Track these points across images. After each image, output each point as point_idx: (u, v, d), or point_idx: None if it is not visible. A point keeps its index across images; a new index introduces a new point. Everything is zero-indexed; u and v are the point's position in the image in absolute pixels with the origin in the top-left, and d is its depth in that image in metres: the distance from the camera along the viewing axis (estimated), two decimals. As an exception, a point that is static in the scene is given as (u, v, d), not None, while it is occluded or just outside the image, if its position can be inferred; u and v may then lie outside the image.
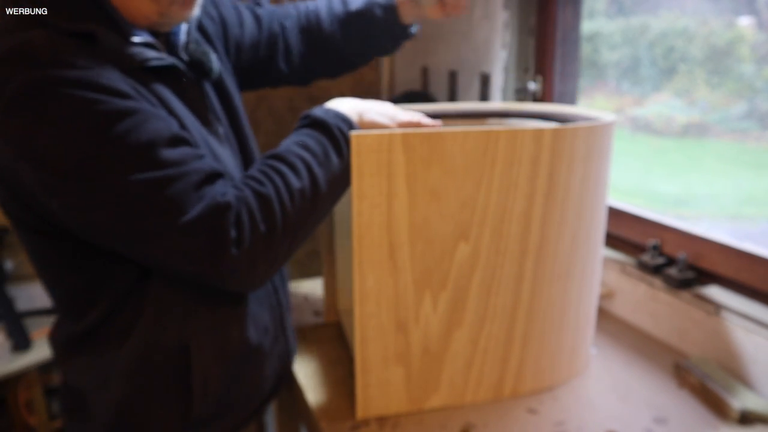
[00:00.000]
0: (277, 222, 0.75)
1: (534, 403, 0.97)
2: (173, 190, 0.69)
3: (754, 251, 1.04)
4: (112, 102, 0.68)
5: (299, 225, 0.78)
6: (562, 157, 0.89)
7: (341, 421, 0.93)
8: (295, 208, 0.77)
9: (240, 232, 0.72)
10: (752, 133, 1.21)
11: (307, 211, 0.78)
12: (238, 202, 0.73)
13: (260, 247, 0.74)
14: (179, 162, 0.71)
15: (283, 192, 0.76)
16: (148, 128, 0.69)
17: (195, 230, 0.70)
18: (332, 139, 0.82)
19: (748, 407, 0.92)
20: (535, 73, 1.59)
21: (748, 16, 1.19)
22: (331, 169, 0.81)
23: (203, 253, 0.71)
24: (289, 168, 0.78)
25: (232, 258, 0.72)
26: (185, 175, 0.71)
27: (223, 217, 0.71)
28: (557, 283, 0.96)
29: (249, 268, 0.74)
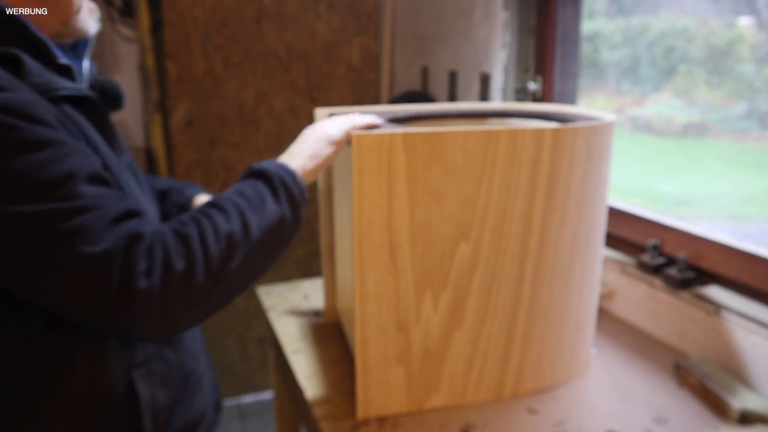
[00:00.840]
0: (196, 261, 0.70)
1: (534, 403, 0.97)
2: (84, 220, 0.66)
3: (754, 251, 1.04)
4: (33, 129, 0.66)
5: (225, 269, 0.73)
6: (562, 157, 0.89)
7: (341, 421, 0.93)
8: (220, 250, 0.72)
9: (150, 264, 0.67)
10: (752, 133, 1.21)
11: (235, 255, 0.74)
12: (153, 237, 0.69)
13: (174, 285, 0.68)
14: (96, 196, 0.68)
15: (208, 233, 0.72)
16: (68, 162, 0.67)
17: (101, 261, 0.65)
18: (271, 187, 0.80)
19: (748, 407, 0.92)
20: (535, 73, 1.59)
21: (748, 16, 1.19)
22: (266, 216, 0.78)
23: (108, 287, 0.65)
24: (219, 211, 0.75)
25: (139, 292, 0.66)
26: (100, 208, 0.67)
27: (133, 247, 0.67)
28: (558, 283, 0.96)
29: (161, 306, 0.68)
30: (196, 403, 0.91)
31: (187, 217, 0.75)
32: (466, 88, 1.82)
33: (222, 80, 2.18)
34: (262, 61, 2.21)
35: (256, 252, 0.77)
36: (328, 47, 2.28)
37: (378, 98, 2.38)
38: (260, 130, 2.27)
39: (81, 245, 0.65)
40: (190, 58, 2.12)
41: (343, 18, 2.27)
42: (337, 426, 0.92)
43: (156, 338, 0.80)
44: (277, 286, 1.48)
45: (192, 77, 2.14)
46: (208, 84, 2.17)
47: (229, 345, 2.41)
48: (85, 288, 0.66)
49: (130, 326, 0.69)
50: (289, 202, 0.81)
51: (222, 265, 0.73)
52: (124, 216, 0.69)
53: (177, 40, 2.09)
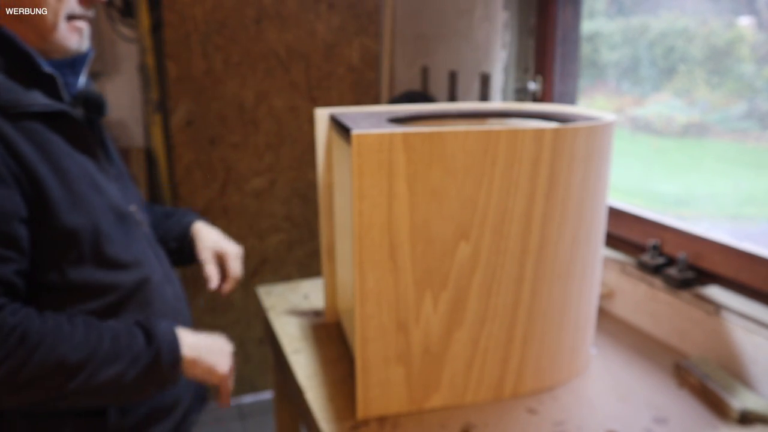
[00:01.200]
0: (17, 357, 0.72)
1: (534, 403, 0.97)
2: None
3: (754, 251, 1.04)
4: None
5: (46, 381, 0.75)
6: (562, 157, 0.89)
7: (341, 421, 0.93)
8: (51, 367, 0.74)
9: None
10: (752, 133, 1.21)
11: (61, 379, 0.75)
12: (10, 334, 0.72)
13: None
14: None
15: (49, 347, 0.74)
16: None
17: None
18: (143, 351, 0.81)
19: (748, 407, 0.92)
20: (535, 73, 1.59)
21: (748, 16, 1.19)
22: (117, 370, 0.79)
23: None
24: (83, 337, 0.77)
25: None
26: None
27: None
28: (557, 283, 0.96)
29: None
30: (166, 392, 0.91)
31: (52, 318, 0.77)
32: (466, 88, 1.82)
33: (222, 80, 2.18)
34: (262, 61, 2.21)
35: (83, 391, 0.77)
36: (328, 47, 2.28)
37: (378, 98, 2.38)
38: (260, 130, 2.26)
39: None
40: (190, 58, 2.12)
41: (343, 18, 2.27)
42: (337, 426, 0.92)
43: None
44: (277, 286, 1.48)
45: (192, 77, 2.14)
46: (208, 84, 2.17)
47: (229, 345, 2.41)
48: None
49: None
50: (150, 376, 0.82)
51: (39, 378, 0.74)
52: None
53: (177, 40, 2.09)
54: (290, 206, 2.36)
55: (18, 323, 0.73)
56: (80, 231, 0.81)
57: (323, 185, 1.19)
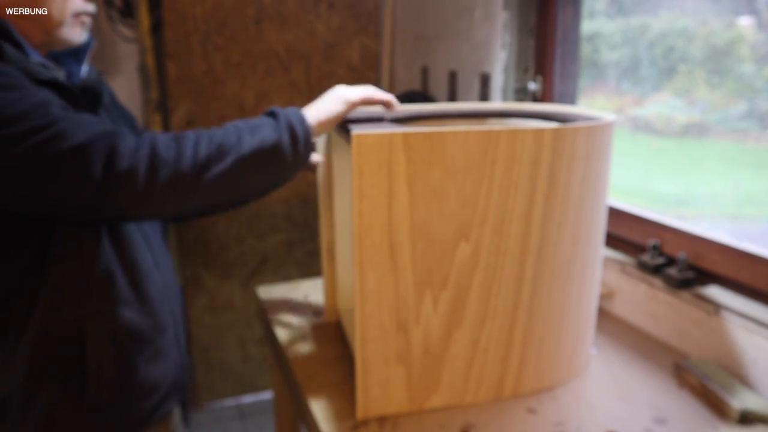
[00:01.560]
0: (184, 153, 0.77)
1: (534, 403, 0.97)
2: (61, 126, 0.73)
3: (754, 251, 1.04)
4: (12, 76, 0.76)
5: (212, 167, 0.78)
6: (562, 157, 0.89)
7: (341, 421, 0.93)
8: (210, 150, 0.78)
9: (137, 148, 0.75)
10: (752, 133, 1.21)
11: (223, 159, 0.79)
12: (139, 136, 0.77)
13: (160, 168, 0.75)
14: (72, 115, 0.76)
15: (202, 135, 0.80)
16: (41, 95, 0.75)
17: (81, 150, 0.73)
18: (274, 119, 0.86)
19: (748, 407, 0.92)
20: (535, 73, 1.59)
21: (748, 16, 1.19)
22: (261, 137, 0.83)
23: (92, 170, 0.73)
24: (216, 127, 0.83)
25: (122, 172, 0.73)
26: (79, 121, 0.75)
27: (117, 137, 0.74)
28: (557, 283, 0.96)
29: (145, 187, 0.75)
30: (150, 371, 0.94)
31: (189, 131, 0.82)
32: (466, 88, 1.82)
33: (222, 80, 2.18)
34: (262, 61, 2.21)
35: (246, 166, 0.81)
36: (328, 47, 2.28)
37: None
38: (260, 130, 2.27)
39: (60, 144, 0.71)
40: (190, 58, 2.12)
41: (343, 18, 2.27)
42: (337, 426, 0.92)
43: (143, 218, 0.85)
44: (277, 286, 1.48)
45: (192, 77, 2.14)
46: (208, 84, 2.17)
47: (229, 345, 2.41)
48: (71, 179, 0.73)
49: (117, 210, 0.77)
50: (289, 134, 0.85)
51: (208, 164, 0.78)
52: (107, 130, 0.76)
53: (177, 40, 2.09)
54: (290, 206, 2.36)
55: (163, 135, 0.79)
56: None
57: (323, 185, 1.19)
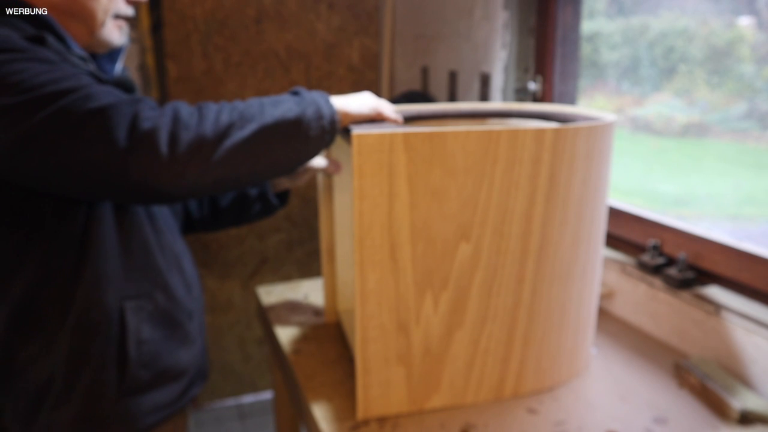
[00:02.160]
0: (206, 119, 0.76)
1: (534, 403, 0.97)
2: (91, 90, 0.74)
3: (754, 251, 1.04)
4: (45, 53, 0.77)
5: (233, 135, 0.78)
6: (563, 157, 0.89)
7: (341, 421, 0.93)
8: (231, 118, 0.78)
9: (160, 113, 0.75)
10: (752, 133, 1.21)
11: (245, 127, 0.79)
12: (163, 103, 0.81)
13: (182, 133, 0.74)
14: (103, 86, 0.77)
15: (224, 105, 0.80)
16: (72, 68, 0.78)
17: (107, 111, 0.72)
18: (297, 96, 0.87)
19: (748, 407, 0.92)
20: (535, 73, 1.59)
21: (748, 16, 1.19)
22: (283, 110, 0.82)
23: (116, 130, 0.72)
24: (238, 100, 0.83)
25: (146, 133, 0.72)
26: (109, 90, 0.76)
27: (141, 101, 0.75)
28: (558, 283, 0.96)
29: (168, 151, 0.74)
30: (181, 355, 0.97)
31: (210, 101, 0.82)
32: (466, 88, 1.82)
33: (222, 80, 2.18)
34: (262, 61, 2.21)
35: (267, 136, 0.80)
36: (328, 47, 2.28)
37: (378, 98, 2.37)
38: (260, 130, 2.26)
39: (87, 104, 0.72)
40: (190, 58, 2.12)
41: (343, 18, 2.27)
42: (337, 426, 0.92)
43: (163, 191, 0.78)
44: (277, 286, 1.48)
45: (192, 77, 2.14)
46: (208, 84, 2.17)
47: (229, 345, 2.41)
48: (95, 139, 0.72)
49: (139, 173, 0.73)
50: (314, 109, 0.84)
51: (230, 131, 0.77)
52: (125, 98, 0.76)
53: (177, 40, 2.09)
54: (290, 206, 2.36)
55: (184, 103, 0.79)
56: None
57: (323, 185, 1.19)
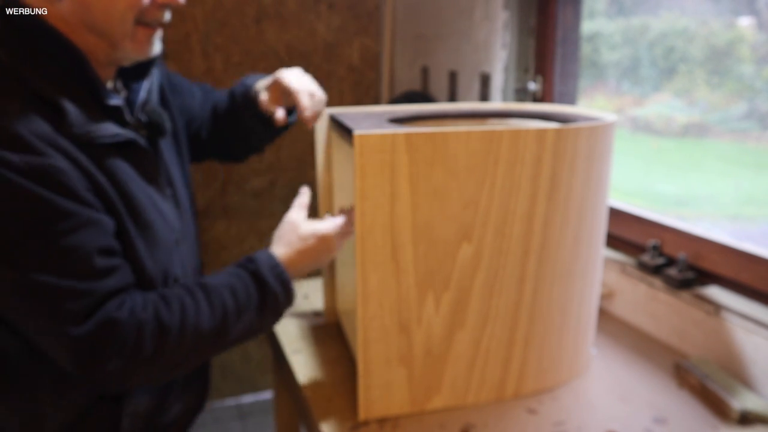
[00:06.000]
0: (166, 350, 0.79)
1: (534, 404, 0.98)
2: (75, 304, 0.73)
3: (754, 251, 1.04)
4: (55, 201, 0.72)
5: (192, 359, 0.83)
6: (564, 157, 0.89)
7: (341, 422, 0.93)
8: (194, 345, 0.81)
9: (122, 349, 0.76)
10: (752, 133, 1.21)
11: (205, 350, 0.84)
12: (130, 321, 0.76)
13: (139, 367, 0.78)
14: (94, 275, 0.75)
15: (188, 327, 0.80)
16: (79, 235, 0.74)
17: (79, 343, 0.74)
18: (261, 301, 0.87)
19: (748, 407, 0.92)
20: (535, 73, 1.59)
21: (748, 17, 1.19)
22: (245, 328, 0.86)
23: (81, 363, 0.76)
24: (208, 305, 0.82)
25: (106, 372, 0.76)
26: (91, 293, 0.75)
27: (108, 335, 0.75)
28: (559, 284, 0.96)
29: (121, 381, 0.79)
30: (174, 408, 0.97)
31: (176, 302, 0.81)
32: (466, 88, 1.82)
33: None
34: (262, 61, 2.21)
35: (224, 347, 0.87)
36: (328, 47, 2.28)
37: (378, 98, 2.37)
38: (260, 129, 2.26)
39: (65, 325, 0.73)
40: (190, 58, 2.12)
41: (343, 18, 2.27)
42: (337, 426, 0.92)
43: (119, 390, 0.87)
44: (277, 286, 1.47)
45: (192, 77, 2.14)
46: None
47: (228, 345, 2.41)
48: (62, 356, 0.76)
49: (96, 385, 0.82)
50: (273, 317, 0.89)
51: (190, 356, 0.82)
52: (109, 296, 0.76)
53: (177, 40, 2.09)
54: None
55: (151, 318, 0.78)
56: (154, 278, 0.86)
57: (323, 185, 1.19)
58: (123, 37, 0.80)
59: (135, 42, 0.82)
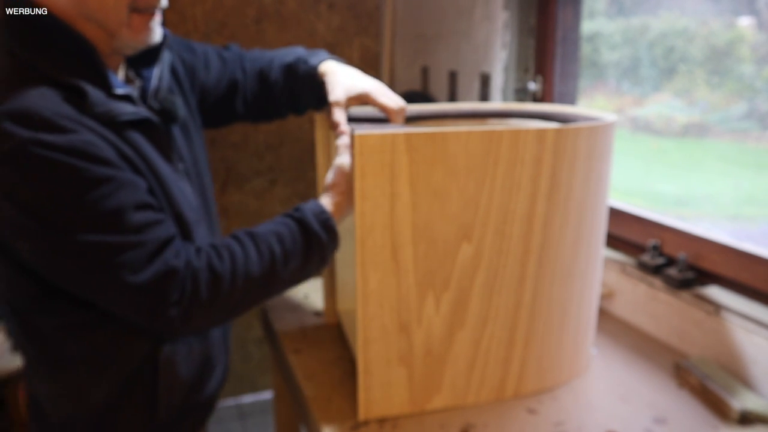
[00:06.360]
0: (221, 295, 0.82)
1: (534, 404, 0.98)
2: (129, 255, 0.77)
3: (754, 251, 1.04)
4: (92, 169, 0.75)
5: (245, 303, 0.86)
6: (564, 157, 0.89)
7: (341, 422, 0.93)
8: (246, 290, 0.84)
9: (180, 295, 0.80)
10: (752, 133, 1.21)
11: (257, 294, 0.87)
12: (187, 270, 0.80)
13: (198, 312, 0.82)
14: (140, 229, 0.78)
15: (239, 274, 0.83)
16: (119, 196, 0.77)
17: (141, 291, 0.78)
18: (308, 244, 0.88)
19: (748, 407, 0.92)
20: (535, 73, 1.59)
21: (748, 17, 1.19)
22: (294, 268, 0.88)
23: (145, 310, 0.80)
24: (256, 251, 0.85)
25: (169, 317, 0.80)
26: (143, 244, 0.78)
27: (168, 282, 0.79)
28: (559, 284, 0.96)
29: (183, 325, 0.82)
30: (207, 386, 1.00)
31: (225, 250, 0.84)
32: (466, 88, 1.82)
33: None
34: (261, 60, 2.21)
35: (276, 291, 0.90)
36: (328, 47, 2.28)
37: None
38: (260, 129, 2.26)
39: (125, 275, 0.77)
40: (189, 57, 2.12)
41: (343, 18, 2.27)
42: (337, 426, 0.92)
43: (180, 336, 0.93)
44: (277, 286, 1.47)
45: (192, 77, 2.14)
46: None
47: (228, 345, 2.41)
48: (126, 306, 0.80)
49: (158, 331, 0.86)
50: (319, 261, 0.90)
51: (244, 301, 0.86)
52: (162, 246, 0.80)
53: (177, 39, 2.09)
54: (290, 206, 2.36)
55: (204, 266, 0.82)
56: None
57: (323, 185, 1.19)
58: (119, 26, 0.81)
59: (132, 30, 0.82)
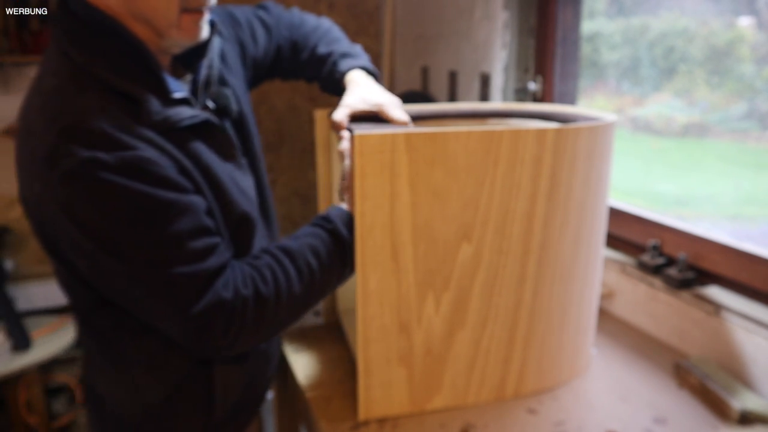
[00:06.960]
0: (266, 319, 0.83)
1: (534, 404, 0.98)
2: (182, 286, 0.77)
3: (754, 251, 1.04)
4: (151, 193, 0.74)
5: (289, 320, 0.87)
6: (564, 157, 0.89)
7: (341, 422, 0.93)
8: (289, 309, 0.85)
9: (229, 325, 0.80)
10: (752, 133, 1.21)
11: (299, 311, 0.87)
12: (236, 300, 0.80)
13: (243, 338, 0.82)
14: (195, 258, 0.77)
15: (283, 295, 0.83)
16: (178, 223, 0.76)
17: (190, 321, 0.78)
18: (342, 254, 0.88)
19: (748, 407, 0.92)
20: (535, 73, 1.59)
21: (748, 17, 1.19)
22: (331, 278, 0.88)
23: (192, 338, 0.80)
24: (296, 272, 0.85)
25: (215, 346, 0.81)
26: (196, 275, 0.77)
27: (217, 313, 0.79)
28: (559, 284, 0.96)
29: (228, 350, 0.83)
30: (262, 381, 1.02)
31: (268, 272, 0.84)
32: (466, 88, 1.82)
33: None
34: (261, 60, 2.21)
35: (316, 303, 0.90)
36: (328, 47, 2.28)
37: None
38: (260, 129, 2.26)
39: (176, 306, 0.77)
40: (189, 57, 2.12)
41: (343, 18, 2.27)
42: (337, 426, 0.92)
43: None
44: (277, 286, 1.47)
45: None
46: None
47: (228, 345, 2.41)
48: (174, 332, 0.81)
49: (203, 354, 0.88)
50: (353, 267, 0.89)
51: (287, 319, 0.86)
52: (214, 277, 0.79)
53: (177, 39, 2.09)
54: (290, 206, 2.36)
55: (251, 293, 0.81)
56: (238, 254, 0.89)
57: (323, 185, 1.19)
58: (169, 26, 0.79)
59: (181, 30, 0.80)
